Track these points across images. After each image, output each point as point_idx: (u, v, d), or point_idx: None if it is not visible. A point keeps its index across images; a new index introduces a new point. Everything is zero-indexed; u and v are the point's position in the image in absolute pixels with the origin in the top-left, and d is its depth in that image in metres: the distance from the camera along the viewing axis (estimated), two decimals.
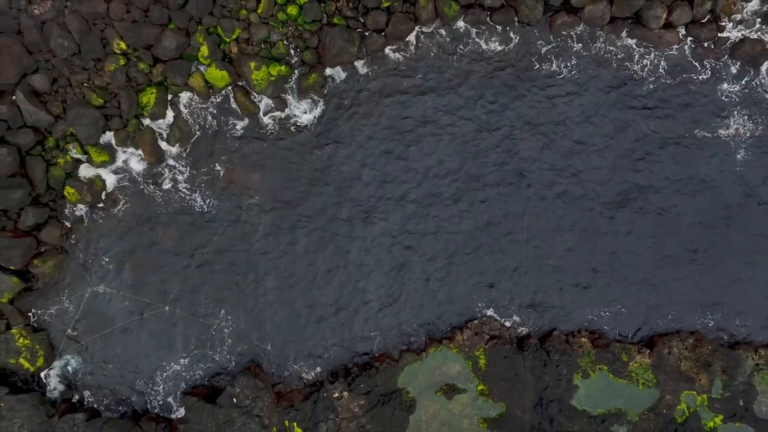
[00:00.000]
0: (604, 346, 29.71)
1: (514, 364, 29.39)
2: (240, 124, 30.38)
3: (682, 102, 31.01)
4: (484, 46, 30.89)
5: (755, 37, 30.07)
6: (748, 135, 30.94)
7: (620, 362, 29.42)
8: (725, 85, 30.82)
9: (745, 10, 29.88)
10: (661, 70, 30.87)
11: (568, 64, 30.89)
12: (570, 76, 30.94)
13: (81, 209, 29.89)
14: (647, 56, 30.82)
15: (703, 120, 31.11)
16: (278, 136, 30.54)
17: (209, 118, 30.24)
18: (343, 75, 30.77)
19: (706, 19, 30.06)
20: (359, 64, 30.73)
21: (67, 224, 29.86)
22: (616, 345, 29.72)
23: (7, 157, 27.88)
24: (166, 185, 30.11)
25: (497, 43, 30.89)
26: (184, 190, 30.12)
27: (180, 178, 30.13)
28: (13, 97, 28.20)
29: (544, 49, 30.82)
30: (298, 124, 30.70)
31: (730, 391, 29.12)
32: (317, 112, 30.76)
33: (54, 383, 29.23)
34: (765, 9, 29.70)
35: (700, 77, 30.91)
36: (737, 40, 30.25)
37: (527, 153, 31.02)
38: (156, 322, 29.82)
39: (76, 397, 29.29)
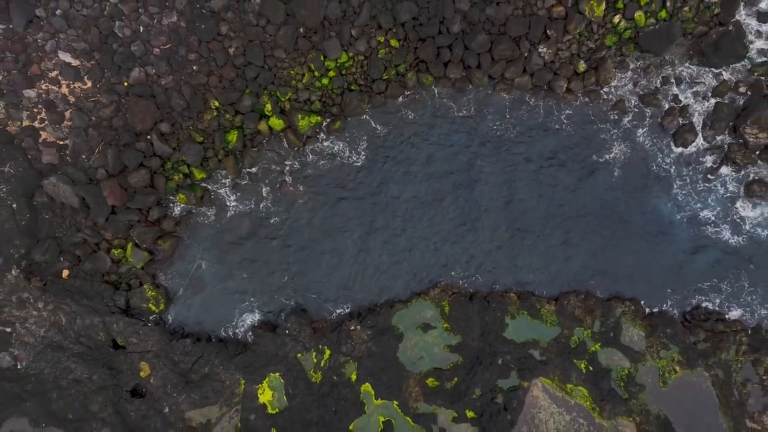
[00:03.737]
0: (525, 299, 45.38)
1: (467, 309, 44.92)
2: (290, 153, 46.32)
3: (582, 137, 46.84)
4: (446, 99, 46.94)
5: (624, 98, 46.07)
6: (620, 157, 46.69)
7: (535, 309, 45.07)
8: (607, 129, 46.66)
9: (617, 81, 45.91)
10: (566, 119, 46.82)
11: (504, 111, 46.93)
12: (506, 120, 46.92)
13: (188, 208, 45.81)
14: (557, 109, 46.76)
15: (595, 148, 46.98)
16: (315, 160, 46.50)
17: (271, 148, 46.23)
18: (357, 121, 46.77)
19: (592, 87, 46.11)
20: (368, 114, 46.70)
21: (179, 218, 45.80)
22: (533, 298, 45.37)
23: (144, 175, 43.70)
24: (244, 192, 46.00)
25: (458, 99, 46.92)
26: (255, 195, 45.97)
27: (252, 186, 46.01)
28: (148, 137, 44.13)
29: (490, 108, 46.90)
30: (327, 152, 46.65)
31: (605, 327, 44.63)
32: (340, 144, 46.74)
33: (171, 320, 45.21)
34: (631, 81, 45.73)
35: (593, 123, 46.80)
36: (614, 100, 46.27)
37: (479, 167, 47.05)
38: (237, 284, 45.67)
39: (185, 328, 45.27)
